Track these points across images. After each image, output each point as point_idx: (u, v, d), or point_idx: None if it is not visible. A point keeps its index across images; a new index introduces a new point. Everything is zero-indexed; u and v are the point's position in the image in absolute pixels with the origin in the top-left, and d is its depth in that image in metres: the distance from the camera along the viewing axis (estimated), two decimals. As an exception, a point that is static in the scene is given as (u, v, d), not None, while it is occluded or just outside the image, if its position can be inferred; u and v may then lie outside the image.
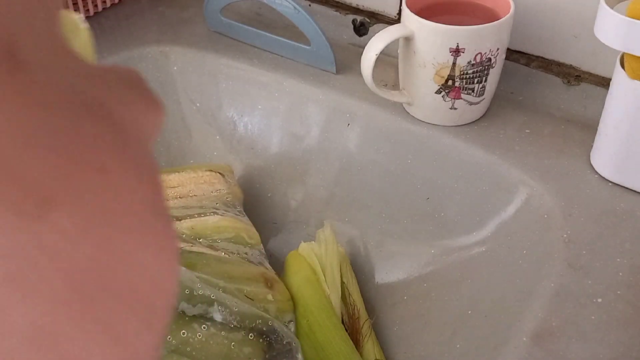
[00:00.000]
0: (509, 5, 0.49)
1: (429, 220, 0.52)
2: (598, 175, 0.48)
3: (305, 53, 0.59)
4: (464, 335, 0.44)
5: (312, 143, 0.58)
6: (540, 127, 0.52)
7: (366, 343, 0.46)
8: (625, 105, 0.44)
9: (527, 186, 0.48)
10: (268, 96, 0.60)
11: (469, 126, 0.53)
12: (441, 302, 0.47)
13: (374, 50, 0.49)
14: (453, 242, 0.50)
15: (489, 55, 0.49)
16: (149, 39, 0.63)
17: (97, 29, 0.65)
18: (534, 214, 0.46)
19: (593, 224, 0.44)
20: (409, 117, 0.54)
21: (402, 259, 0.52)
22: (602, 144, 0.47)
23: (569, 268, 0.42)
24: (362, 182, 0.55)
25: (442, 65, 0.49)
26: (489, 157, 0.50)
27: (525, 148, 0.50)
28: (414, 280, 0.50)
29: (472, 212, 0.50)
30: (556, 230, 0.44)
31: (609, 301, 0.39)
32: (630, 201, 0.46)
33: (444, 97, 0.51)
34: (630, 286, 0.40)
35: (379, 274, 0.52)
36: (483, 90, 0.51)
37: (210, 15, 0.63)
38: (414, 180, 0.53)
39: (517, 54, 0.55)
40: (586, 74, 0.53)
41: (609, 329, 0.38)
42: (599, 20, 0.42)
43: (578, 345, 0.37)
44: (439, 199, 0.52)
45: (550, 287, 0.41)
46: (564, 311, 0.39)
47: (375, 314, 0.49)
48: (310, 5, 0.64)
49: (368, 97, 0.55)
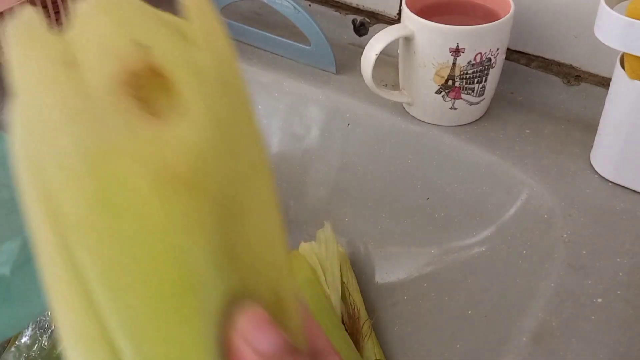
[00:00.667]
0: (509, 5, 0.49)
1: (429, 220, 0.52)
2: (598, 175, 0.48)
3: (305, 53, 0.59)
4: (464, 335, 0.44)
5: (312, 143, 0.58)
6: (540, 127, 0.52)
7: (366, 343, 0.46)
8: (625, 105, 0.44)
9: (527, 186, 0.48)
10: (268, 96, 0.60)
11: (469, 126, 0.53)
12: (441, 302, 0.47)
13: (374, 50, 0.49)
14: (453, 242, 0.50)
15: (489, 55, 0.49)
16: (149, 39, 0.63)
17: (97, 29, 0.65)
18: (534, 214, 0.46)
19: (593, 224, 0.44)
20: (409, 117, 0.54)
21: (402, 259, 0.52)
22: (602, 143, 0.47)
23: (569, 268, 0.42)
24: (362, 182, 0.55)
25: (442, 65, 0.49)
26: (489, 157, 0.50)
27: (525, 148, 0.50)
28: (414, 280, 0.50)
29: (472, 212, 0.50)
30: (556, 230, 0.44)
31: (609, 301, 0.39)
32: (630, 201, 0.46)
33: (444, 97, 0.51)
34: (630, 286, 0.40)
35: (379, 274, 0.52)
36: (483, 90, 0.51)
37: (210, 15, 0.63)
38: (414, 180, 0.53)
39: (517, 54, 0.55)
40: (586, 74, 0.53)
41: (609, 329, 0.38)
42: (599, 20, 0.42)
43: (578, 345, 0.37)
44: (439, 199, 0.52)
45: (550, 287, 0.41)
46: (564, 311, 0.39)
47: (375, 314, 0.49)
48: (310, 5, 0.64)
49: (368, 97, 0.55)
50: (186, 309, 0.16)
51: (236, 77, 0.18)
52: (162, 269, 0.16)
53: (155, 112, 0.16)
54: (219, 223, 0.17)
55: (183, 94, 0.17)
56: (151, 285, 0.16)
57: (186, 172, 0.16)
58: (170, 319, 0.16)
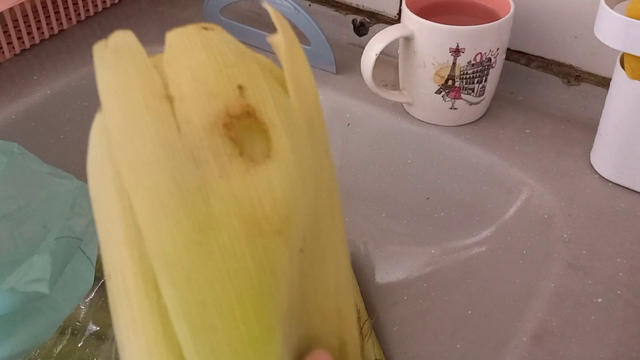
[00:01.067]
0: (509, 5, 0.49)
1: (429, 220, 0.52)
2: (598, 175, 0.48)
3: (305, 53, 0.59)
4: (464, 335, 0.44)
5: (312, 143, 0.58)
6: (540, 127, 0.52)
7: (366, 343, 0.46)
8: (625, 105, 0.44)
9: (527, 186, 0.48)
10: (268, 96, 0.60)
11: (469, 126, 0.53)
12: (441, 302, 0.47)
13: (374, 50, 0.49)
14: (453, 242, 0.50)
15: (489, 55, 0.49)
16: (149, 39, 0.63)
17: (97, 29, 0.65)
18: (534, 214, 0.46)
19: (593, 223, 0.44)
20: (409, 117, 0.54)
21: (402, 259, 0.52)
22: (602, 143, 0.47)
23: (569, 268, 0.42)
24: (362, 182, 0.55)
25: (442, 65, 0.49)
26: (489, 157, 0.50)
27: (525, 148, 0.50)
28: (414, 280, 0.50)
29: (472, 212, 0.50)
30: (556, 230, 0.44)
31: (609, 301, 0.39)
32: (630, 201, 0.46)
33: (444, 97, 0.51)
34: (630, 286, 0.40)
35: (379, 274, 0.52)
36: (483, 90, 0.51)
37: (210, 15, 0.63)
38: (414, 180, 0.53)
39: (517, 54, 0.55)
40: (586, 74, 0.53)
41: (609, 329, 0.38)
42: (599, 20, 0.42)
43: (578, 345, 0.37)
44: (439, 199, 0.52)
45: (550, 287, 0.41)
46: (564, 311, 0.39)
47: (375, 314, 0.49)
48: (310, 5, 0.64)
49: (368, 97, 0.55)
50: (265, 352, 0.16)
51: (320, 122, 0.19)
52: (245, 311, 0.16)
53: (247, 154, 0.17)
54: (298, 269, 0.17)
55: (273, 138, 0.17)
56: (233, 327, 0.16)
57: (274, 216, 0.16)
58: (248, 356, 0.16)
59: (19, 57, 0.60)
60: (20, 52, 0.61)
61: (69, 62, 0.60)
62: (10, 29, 0.59)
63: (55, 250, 0.36)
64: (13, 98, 0.55)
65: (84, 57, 0.60)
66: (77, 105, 0.58)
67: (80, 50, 0.61)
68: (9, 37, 0.59)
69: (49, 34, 0.63)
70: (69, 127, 0.57)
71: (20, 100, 0.55)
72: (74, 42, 0.63)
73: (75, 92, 0.58)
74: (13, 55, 0.60)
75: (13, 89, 0.56)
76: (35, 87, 0.56)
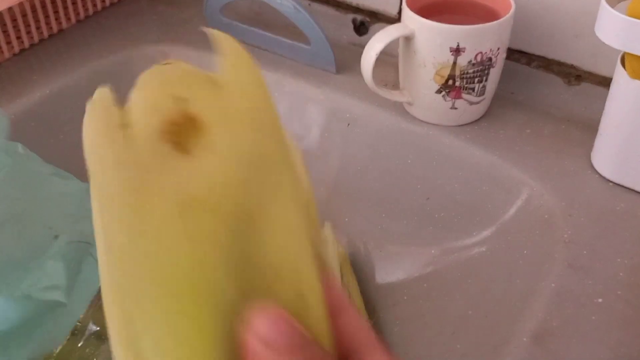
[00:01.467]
0: (509, 4, 0.49)
1: (429, 220, 0.52)
2: (598, 175, 0.48)
3: (305, 53, 0.59)
4: (464, 335, 0.44)
5: (312, 143, 0.57)
6: (541, 127, 0.52)
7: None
8: (626, 105, 0.44)
9: (527, 186, 0.48)
10: (268, 96, 0.59)
11: (469, 126, 0.53)
12: (441, 302, 0.47)
13: (374, 50, 0.49)
14: (453, 242, 0.50)
15: (490, 54, 0.49)
16: (149, 39, 0.63)
17: (97, 28, 0.65)
18: (534, 214, 0.46)
19: (593, 224, 0.44)
20: (409, 117, 0.54)
21: (402, 259, 0.52)
22: (603, 143, 0.47)
23: (569, 268, 0.42)
24: (362, 182, 0.55)
25: (443, 64, 0.49)
26: (489, 157, 0.50)
27: (526, 148, 0.50)
28: (414, 280, 0.50)
29: (472, 212, 0.50)
30: (556, 230, 0.44)
31: (609, 301, 0.39)
32: (631, 201, 0.46)
33: (444, 96, 0.51)
34: (630, 286, 0.40)
35: (379, 274, 0.52)
36: (483, 90, 0.51)
37: (210, 15, 0.63)
38: (414, 180, 0.53)
39: (517, 53, 0.55)
40: (587, 73, 0.53)
41: (609, 329, 0.38)
42: (599, 19, 0.42)
43: (578, 345, 0.37)
44: (439, 199, 0.52)
45: (550, 287, 0.41)
46: (564, 311, 0.39)
47: (375, 314, 0.49)
48: (310, 4, 0.64)
49: (368, 97, 0.55)
50: (199, 312, 0.18)
51: (269, 114, 0.22)
52: (180, 278, 0.18)
53: (188, 152, 0.20)
54: (235, 236, 0.20)
55: (211, 134, 0.20)
56: (169, 293, 0.18)
57: (205, 196, 0.19)
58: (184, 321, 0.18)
59: (18, 57, 0.60)
60: (20, 52, 0.60)
61: (68, 62, 0.60)
62: (9, 28, 0.59)
63: (67, 255, 0.36)
64: (13, 98, 0.55)
65: (83, 57, 0.60)
66: (77, 105, 0.57)
67: (80, 50, 0.61)
68: (8, 37, 0.59)
69: (49, 34, 0.63)
70: (68, 127, 0.57)
71: (19, 100, 0.55)
72: (74, 42, 0.63)
73: (75, 92, 0.58)
74: (12, 55, 0.60)
75: (13, 89, 0.56)
76: (34, 87, 0.56)
